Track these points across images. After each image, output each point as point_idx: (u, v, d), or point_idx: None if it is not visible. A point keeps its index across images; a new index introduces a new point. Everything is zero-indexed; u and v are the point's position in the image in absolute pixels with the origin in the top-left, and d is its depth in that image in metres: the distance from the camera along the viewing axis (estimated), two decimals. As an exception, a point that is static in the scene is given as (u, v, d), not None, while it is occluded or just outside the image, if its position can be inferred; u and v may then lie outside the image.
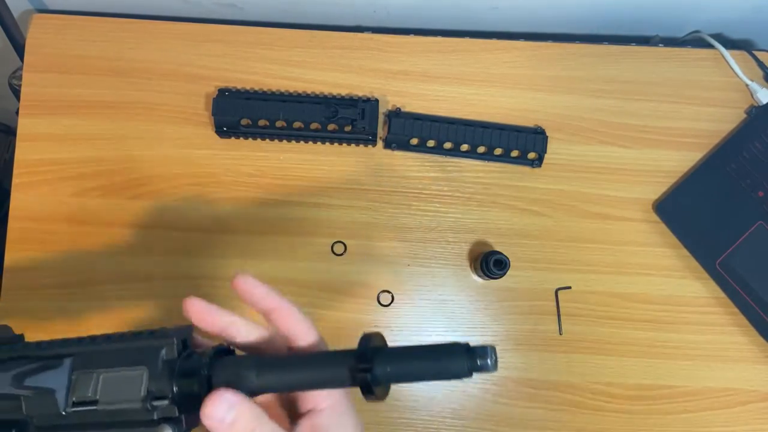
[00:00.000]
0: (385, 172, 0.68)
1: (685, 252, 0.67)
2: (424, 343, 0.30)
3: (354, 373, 0.30)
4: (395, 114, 0.67)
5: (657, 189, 0.68)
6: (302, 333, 0.35)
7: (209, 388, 0.31)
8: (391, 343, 0.32)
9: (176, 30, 0.69)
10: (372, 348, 0.30)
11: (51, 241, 0.65)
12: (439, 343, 0.29)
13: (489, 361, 0.28)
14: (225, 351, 0.34)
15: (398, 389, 0.64)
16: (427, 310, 0.66)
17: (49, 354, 0.33)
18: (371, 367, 0.29)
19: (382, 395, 0.30)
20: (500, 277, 0.64)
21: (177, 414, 0.30)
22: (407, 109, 0.68)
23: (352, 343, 0.32)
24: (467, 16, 0.73)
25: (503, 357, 0.65)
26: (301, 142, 0.67)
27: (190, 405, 0.31)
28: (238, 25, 0.70)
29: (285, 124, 0.65)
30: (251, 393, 0.31)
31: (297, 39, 0.69)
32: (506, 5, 0.70)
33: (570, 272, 0.66)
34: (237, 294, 0.35)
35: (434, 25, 0.74)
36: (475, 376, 0.26)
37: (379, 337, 0.32)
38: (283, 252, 0.66)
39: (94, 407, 0.30)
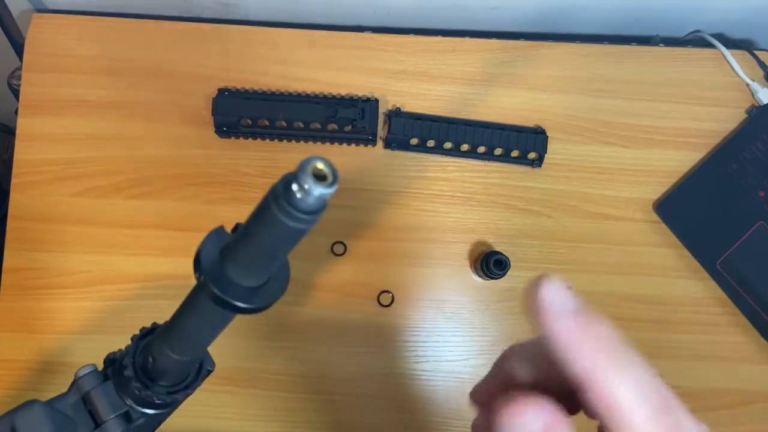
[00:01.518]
0: (385, 172, 0.67)
1: (685, 252, 0.66)
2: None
3: (207, 294, 0.24)
4: (395, 114, 0.67)
5: (657, 189, 0.68)
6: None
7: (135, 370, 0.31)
8: (390, 344, 0.30)
9: (176, 29, 0.69)
10: (206, 254, 0.25)
11: (50, 241, 0.65)
12: (260, 201, 0.23)
13: (305, 182, 0.20)
14: (151, 331, 0.33)
15: (399, 390, 0.64)
16: (427, 311, 0.65)
17: None
18: (209, 280, 0.24)
19: (257, 303, 0.25)
20: (501, 278, 0.64)
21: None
22: (407, 109, 0.68)
23: (353, 345, 0.32)
24: (468, 15, 0.73)
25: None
26: (301, 141, 0.67)
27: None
28: (238, 25, 0.70)
29: (285, 124, 0.65)
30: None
31: (297, 38, 0.69)
32: (507, 5, 0.70)
33: (570, 272, 0.66)
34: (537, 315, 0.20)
35: (434, 25, 0.74)
36: (473, 375, 0.24)
37: (213, 237, 0.25)
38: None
39: None
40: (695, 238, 0.66)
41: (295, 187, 0.20)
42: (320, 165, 0.20)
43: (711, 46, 0.71)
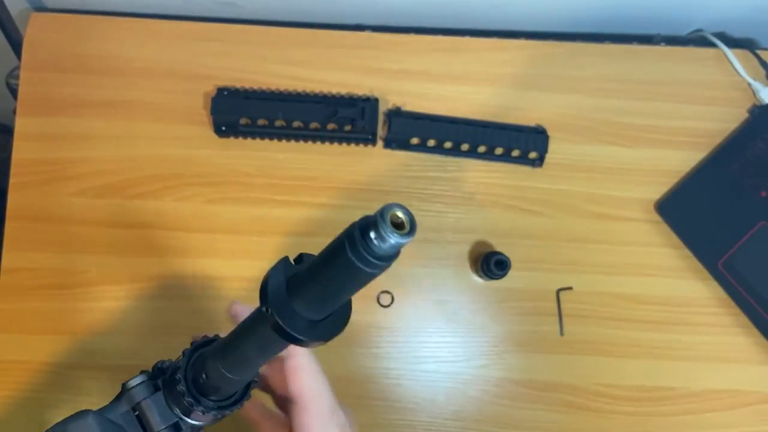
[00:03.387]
0: (385, 172, 0.67)
1: (687, 252, 0.66)
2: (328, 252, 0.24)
3: (269, 323, 0.25)
4: (395, 113, 0.66)
5: (659, 189, 0.68)
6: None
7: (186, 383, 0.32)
8: (390, 344, 0.30)
9: (175, 29, 0.69)
10: (273, 284, 0.25)
11: (49, 242, 0.65)
12: (335, 237, 0.23)
13: (384, 231, 0.20)
14: (202, 344, 0.34)
15: (399, 391, 0.63)
16: (427, 311, 0.65)
17: None
18: (274, 310, 0.25)
19: (318, 336, 0.26)
20: (501, 278, 0.63)
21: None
22: (407, 108, 0.68)
23: (352, 346, 0.31)
24: (468, 14, 0.72)
25: (505, 358, 0.64)
26: (301, 141, 0.67)
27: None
28: (238, 24, 0.69)
29: (284, 124, 0.65)
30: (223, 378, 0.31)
31: (297, 37, 0.69)
32: (507, 3, 0.70)
33: (571, 273, 0.66)
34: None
35: (435, 24, 0.74)
36: (473, 375, 0.24)
37: (281, 267, 0.26)
38: (282, 252, 0.65)
39: None
40: (697, 238, 0.66)
41: (372, 234, 0.21)
42: (399, 213, 0.21)
43: (713, 45, 0.71)
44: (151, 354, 0.63)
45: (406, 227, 0.21)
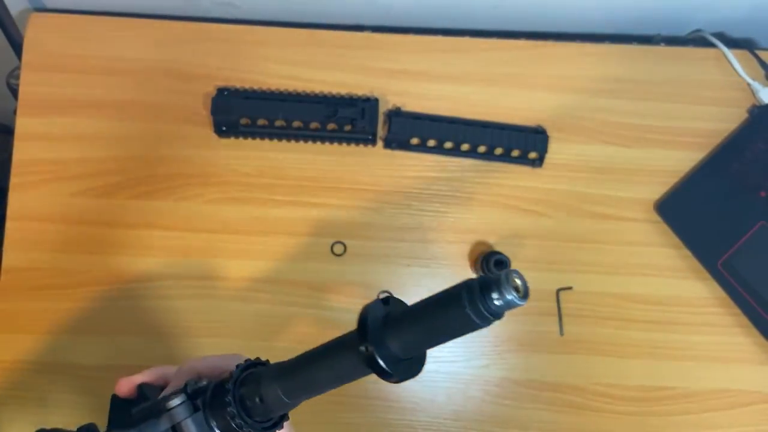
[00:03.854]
0: (385, 172, 0.67)
1: (686, 252, 0.66)
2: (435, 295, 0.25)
3: (361, 355, 0.26)
4: (395, 113, 0.66)
5: (659, 189, 0.68)
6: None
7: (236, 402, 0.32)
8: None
9: (175, 29, 0.69)
10: (372, 320, 0.27)
11: (50, 242, 0.65)
12: (446, 289, 0.25)
13: (506, 292, 0.23)
14: (254, 365, 0.34)
15: (399, 391, 0.63)
16: (427, 311, 0.65)
17: None
18: (371, 345, 0.26)
19: (400, 374, 0.27)
20: (501, 278, 0.63)
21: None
22: (407, 108, 0.68)
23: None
24: (468, 14, 0.72)
25: (504, 358, 0.64)
26: (301, 141, 0.67)
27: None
28: (237, 24, 0.69)
29: (285, 124, 0.65)
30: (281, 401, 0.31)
31: (296, 38, 0.69)
32: (507, 4, 0.70)
33: (571, 272, 0.66)
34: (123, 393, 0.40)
35: (435, 24, 0.74)
36: (473, 375, 0.24)
37: (379, 304, 0.28)
38: (282, 252, 0.65)
39: None
40: (696, 238, 0.66)
41: (495, 294, 0.23)
42: (518, 280, 0.23)
43: (712, 45, 0.71)
44: (151, 354, 0.63)
45: (521, 292, 0.23)
